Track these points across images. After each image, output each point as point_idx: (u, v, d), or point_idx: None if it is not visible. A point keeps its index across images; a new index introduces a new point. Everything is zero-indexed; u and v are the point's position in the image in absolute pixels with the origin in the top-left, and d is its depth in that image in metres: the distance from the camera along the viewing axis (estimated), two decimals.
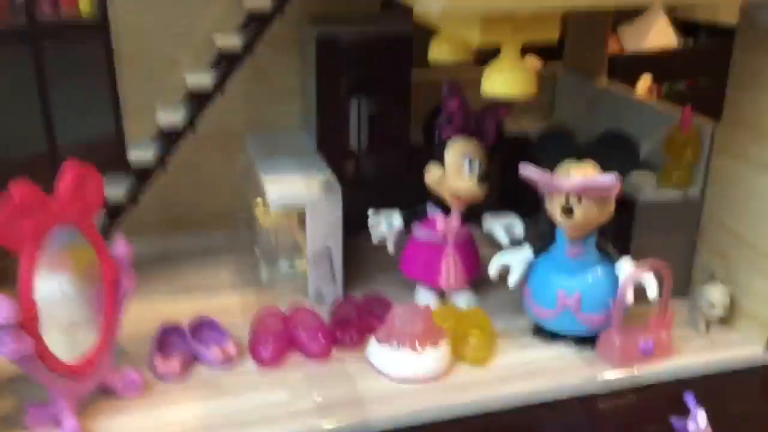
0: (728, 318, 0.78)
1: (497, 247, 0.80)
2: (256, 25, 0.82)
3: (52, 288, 0.63)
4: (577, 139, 0.74)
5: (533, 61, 1.34)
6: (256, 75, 0.95)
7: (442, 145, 0.78)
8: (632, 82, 1.58)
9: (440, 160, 0.78)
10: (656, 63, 1.82)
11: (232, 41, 0.81)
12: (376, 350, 0.72)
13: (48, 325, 0.61)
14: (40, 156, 1.02)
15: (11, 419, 0.65)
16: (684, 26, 2.05)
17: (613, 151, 0.70)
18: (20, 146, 1.20)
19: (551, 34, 0.63)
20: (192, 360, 0.73)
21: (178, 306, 0.82)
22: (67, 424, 0.62)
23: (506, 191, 1.00)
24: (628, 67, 1.84)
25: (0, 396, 0.68)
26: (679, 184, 0.79)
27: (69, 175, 0.61)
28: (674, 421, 0.56)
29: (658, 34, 1.97)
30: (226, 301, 0.84)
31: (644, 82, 1.44)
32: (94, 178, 0.64)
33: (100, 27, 0.90)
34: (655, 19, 1.96)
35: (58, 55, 1.01)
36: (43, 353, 0.60)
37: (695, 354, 0.75)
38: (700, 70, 1.82)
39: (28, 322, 0.58)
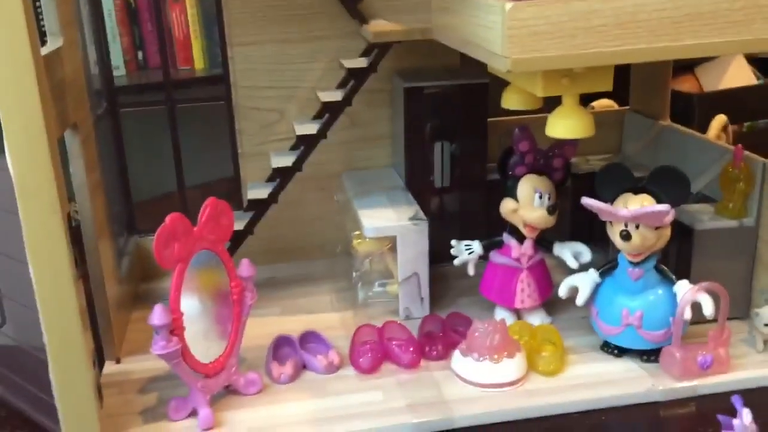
0: None
1: (568, 272, 0.90)
2: (353, 80, 0.96)
3: (193, 303, 0.77)
4: (633, 173, 0.83)
5: (608, 103, 1.44)
6: (352, 122, 1.09)
7: (515, 181, 0.89)
8: (709, 121, 1.64)
9: (513, 194, 0.89)
10: (736, 101, 1.86)
11: (333, 96, 0.95)
12: (459, 361, 0.83)
13: (189, 333, 0.75)
14: (170, 195, 1.18)
15: (154, 410, 0.79)
16: (763, 64, 2.08)
17: (666, 184, 0.79)
18: (153, 187, 1.39)
19: (605, 85, 0.73)
20: (301, 367, 0.85)
21: (287, 323, 0.95)
22: (203, 413, 0.75)
23: (578, 223, 1.09)
24: (708, 106, 1.90)
25: (146, 392, 0.83)
26: (734, 214, 0.87)
27: (209, 208, 0.75)
28: (721, 418, 0.64)
29: (735, 74, 2.01)
30: (328, 319, 0.96)
31: (717, 122, 1.50)
32: (227, 211, 0.78)
33: (222, 82, 1.06)
34: (733, 59, 2.01)
35: (187, 109, 1.17)
36: (186, 354, 0.74)
37: (751, 369, 0.82)
38: None
39: (176, 328, 0.73)
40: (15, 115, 0.62)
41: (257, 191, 0.98)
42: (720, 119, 1.53)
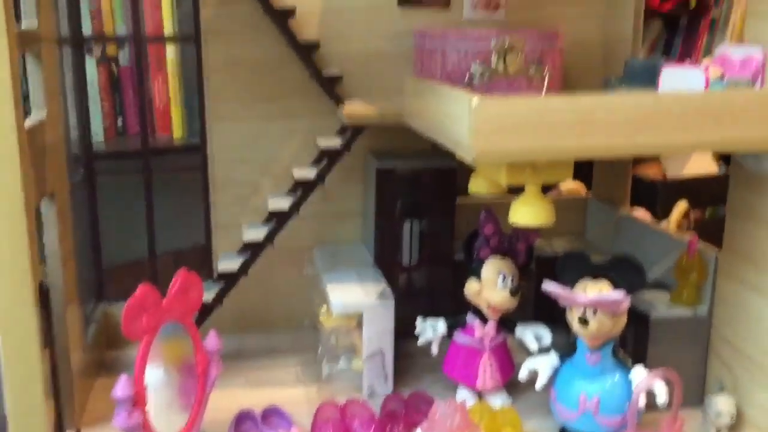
0: (735, 426, 0.87)
1: (528, 353, 0.91)
2: (327, 159, 0.99)
3: (158, 373, 0.77)
4: (593, 260, 0.86)
5: (577, 186, 1.48)
6: (325, 197, 1.12)
7: (480, 263, 0.91)
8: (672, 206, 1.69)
9: (478, 275, 0.91)
10: (698, 188, 1.93)
11: (307, 174, 0.98)
12: None
13: (152, 404, 0.75)
14: (141, 262, 1.19)
15: None
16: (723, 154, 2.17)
17: (623, 271, 0.82)
18: (125, 252, 1.39)
19: (566, 176, 0.77)
20: None
21: (251, 396, 0.95)
22: None
23: (541, 305, 1.12)
24: (671, 193, 1.96)
25: None
26: (688, 303, 0.91)
27: (179, 280, 0.77)
28: None
29: (697, 162, 2.09)
30: (292, 393, 0.97)
31: (679, 209, 1.56)
32: (197, 284, 0.80)
33: (197, 149, 1.08)
34: None
35: (162, 174, 1.19)
36: (147, 428, 0.74)
37: None
38: None
39: (139, 400, 0.73)
40: None
41: (228, 263, 0.99)
42: (681, 206, 1.59)
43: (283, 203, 0.99)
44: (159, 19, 1.64)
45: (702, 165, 2.11)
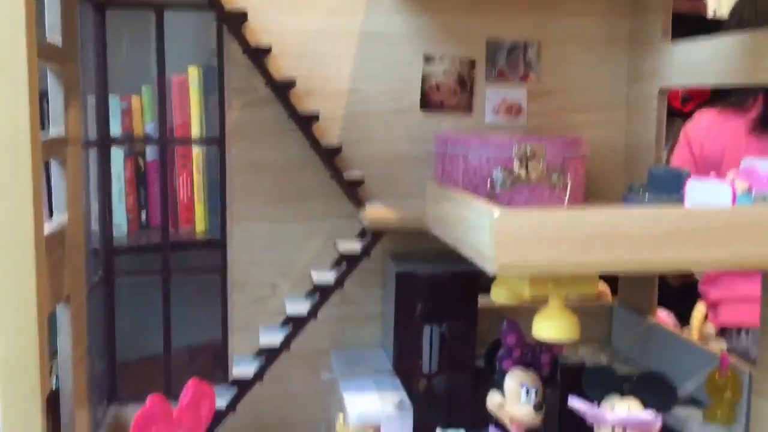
0: None
1: None
2: (347, 263, 0.98)
3: None
4: (620, 374, 0.83)
5: (603, 289, 1.45)
6: (343, 300, 1.10)
7: (502, 375, 0.88)
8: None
9: (500, 387, 0.88)
10: None
11: (325, 277, 0.97)
12: None
13: None
14: (155, 357, 1.17)
15: None
16: None
17: (653, 390, 0.79)
18: (139, 348, 1.37)
19: (591, 290, 0.75)
20: None
21: None
22: None
23: (566, 415, 1.07)
24: (695, 294, 1.92)
25: None
26: (723, 421, 0.86)
27: (190, 391, 0.75)
28: None
29: None
30: None
31: (699, 312, 1.51)
32: (209, 394, 0.77)
33: (217, 244, 1.08)
34: None
35: (181, 274, 1.18)
36: None
37: None
38: None
39: None
40: (7, 293, 0.63)
41: (243, 367, 0.97)
42: (700, 310, 1.54)
43: (301, 308, 0.97)
44: (187, 117, 1.68)
45: None
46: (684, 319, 1.52)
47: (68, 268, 0.79)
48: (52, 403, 0.72)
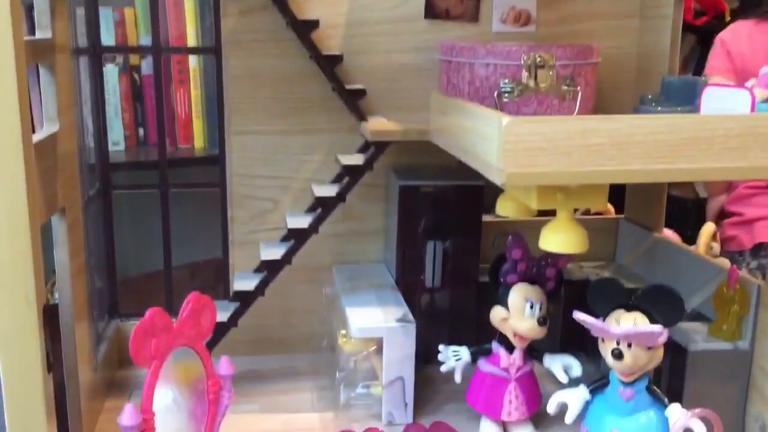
0: None
1: (557, 382, 0.87)
2: (348, 176, 0.96)
3: (166, 398, 0.74)
4: (627, 284, 0.81)
5: (606, 208, 1.43)
6: (345, 215, 1.08)
7: (507, 289, 0.87)
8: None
9: (504, 302, 0.87)
10: None
11: (327, 191, 0.95)
12: None
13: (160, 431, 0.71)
14: (156, 274, 1.16)
15: None
16: None
17: (660, 303, 0.77)
18: (140, 265, 1.37)
19: (600, 203, 0.73)
20: None
21: (266, 422, 0.91)
22: None
23: (570, 331, 1.07)
24: (702, 213, 1.90)
25: None
26: (728, 336, 0.85)
27: (191, 304, 0.73)
28: None
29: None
30: (308, 420, 0.93)
31: (706, 231, 1.50)
32: (210, 307, 0.76)
33: (216, 161, 1.05)
34: None
35: (180, 186, 1.15)
36: None
37: None
38: None
39: (147, 429, 0.69)
40: None
41: (244, 282, 0.96)
42: (708, 229, 1.52)
43: (302, 221, 0.95)
44: (182, 30, 1.62)
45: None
46: (687, 240, 1.51)
47: (61, 177, 0.77)
48: (52, 316, 0.70)
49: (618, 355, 0.76)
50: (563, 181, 0.68)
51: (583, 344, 0.96)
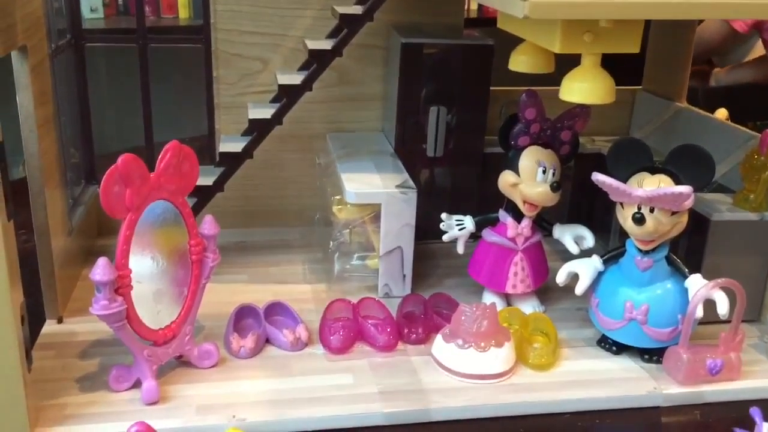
0: None
1: (565, 260, 0.81)
2: (346, 28, 0.86)
3: (145, 261, 0.67)
4: (651, 151, 0.74)
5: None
6: (341, 79, 1.00)
7: (518, 152, 0.80)
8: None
9: (515, 166, 0.80)
10: (744, 99, 1.78)
11: (322, 45, 0.85)
12: (441, 347, 0.74)
13: (138, 295, 0.65)
14: (137, 150, 1.08)
15: (94, 378, 0.70)
16: None
17: (688, 164, 0.70)
18: (119, 140, 1.28)
19: (632, 47, 0.64)
20: (264, 341, 0.76)
21: (254, 292, 0.85)
22: (147, 385, 0.66)
23: (577, 207, 1.01)
24: (714, 101, 1.81)
25: (87, 357, 0.73)
26: (755, 206, 0.79)
27: (169, 153, 0.66)
28: (738, 431, 0.56)
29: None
30: (300, 290, 0.87)
31: (718, 116, 1.42)
32: (191, 158, 0.69)
33: (201, 30, 0.96)
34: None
35: (161, 56, 1.06)
36: (131, 317, 0.65)
37: (764, 378, 0.74)
38: None
39: (121, 286, 0.63)
40: None
41: (231, 144, 0.88)
42: (721, 113, 1.44)
43: (294, 78, 0.86)
44: None
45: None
46: None
47: (20, 12, 0.67)
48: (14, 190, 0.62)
49: (639, 219, 0.70)
50: (593, 14, 0.59)
51: (592, 222, 0.89)
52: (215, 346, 0.73)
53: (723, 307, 0.69)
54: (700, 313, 0.70)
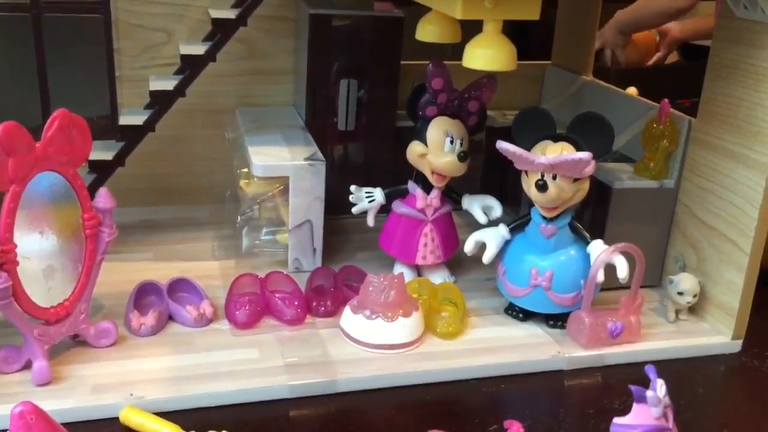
0: (697, 307, 0.79)
1: (475, 231, 0.81)
2: None
3: (33, 238, 0.64)
4: (554, 120, 0.75)
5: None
6: (250, 52, 0.97)
7: (426, 123, 0.79)
8: None
9: (423, 137, 0.79)
10: (654, 79, 1.83)
11: (226, 13, 0.83)
12: (349, 318, 0.73)
13: (26, 271, 0.62)
14: (35, 130, 1.03)
15: None
16: (690, 51, 2.05)
17: (589, 132, 0.72)
18: (16, 119, 1.21)
19: (532, 14, 0.65)
20: (167, 318, 0.74)
21: (159, 270, 0.83)
22: (38, 365, 0.63)
23: (489, 180, 1.01)
24: (623, 81, 1.86)
25: None
26: (654, 174, 0.81)
27: (57, 121, 0.63)
28: (633, 388, 0.57)
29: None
30: (206, 267, 0.85)
31: (630, 92, 1.45)
32: (82, 127, 0.65)
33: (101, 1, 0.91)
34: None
35: (57, 28, 1.01)
36: (18, 295, 0.61)
37: (663, 340, 0.76)
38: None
39: (6, 262, 0.60)
40: None
41: (132, 117, 0.85)
42: (631, 91, 1.48)
43: (197, 49, 0.84)
44: None
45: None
46: None
47: None
48: None
49: (542, 186, 0.70)
50: None
51: (504, 195, 0.90)
52: (114, 325, 0.70)
53: (623, 271, 0.71)
54: (601, 277, 0.72)
